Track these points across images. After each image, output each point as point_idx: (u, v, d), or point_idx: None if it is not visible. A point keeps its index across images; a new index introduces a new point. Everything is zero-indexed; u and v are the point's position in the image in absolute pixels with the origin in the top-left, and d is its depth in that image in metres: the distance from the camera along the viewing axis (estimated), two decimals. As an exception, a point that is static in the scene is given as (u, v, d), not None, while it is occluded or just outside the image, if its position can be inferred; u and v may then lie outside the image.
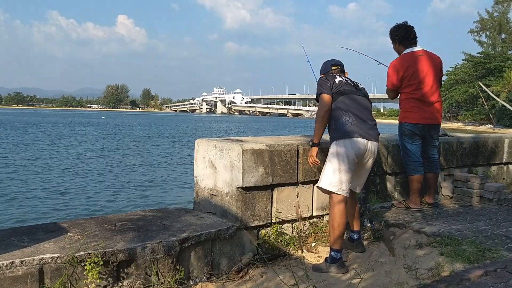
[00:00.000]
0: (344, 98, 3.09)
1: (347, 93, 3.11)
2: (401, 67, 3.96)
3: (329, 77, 3.20)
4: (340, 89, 3.10)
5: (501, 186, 4.52)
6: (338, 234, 2.95)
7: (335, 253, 2.96)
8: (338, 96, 3.10)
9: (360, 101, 3.15)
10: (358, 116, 3.06)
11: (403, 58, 4.01)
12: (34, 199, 9.70)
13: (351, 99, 3.11)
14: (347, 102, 3.08)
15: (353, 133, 3.00)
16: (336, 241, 2.96)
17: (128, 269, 2.68)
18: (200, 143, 3.56)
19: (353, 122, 3.03)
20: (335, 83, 3.13)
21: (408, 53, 4.01)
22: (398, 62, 4.01)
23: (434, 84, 4.01)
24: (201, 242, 2.98)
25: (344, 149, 2.99)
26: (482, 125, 44.51)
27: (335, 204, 2.98)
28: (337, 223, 2.94)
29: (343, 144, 3.00)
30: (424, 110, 3.99)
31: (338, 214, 2.96)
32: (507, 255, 2.86)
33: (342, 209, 2.97)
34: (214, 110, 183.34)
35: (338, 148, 3.01)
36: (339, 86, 3.12)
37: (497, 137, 5.54)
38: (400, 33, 4.07)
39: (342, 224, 2.96)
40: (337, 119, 3.07)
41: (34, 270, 2.37)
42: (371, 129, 3.10)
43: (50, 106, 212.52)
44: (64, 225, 3.00)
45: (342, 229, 2.97)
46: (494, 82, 42.88)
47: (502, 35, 54.75)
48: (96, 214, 7.38)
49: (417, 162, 4.05)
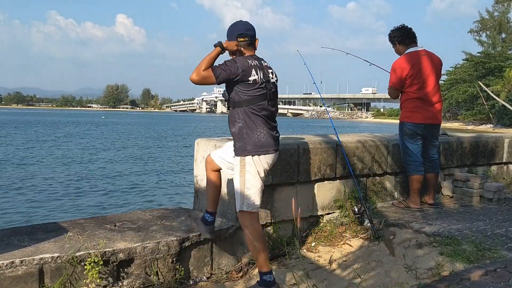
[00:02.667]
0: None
1: (257, 100, 2.66)
2: (406, 66, 3.96)
3: (249, 67, 2.62)
4: (255, 93, 2.65)
5: (501, 186, 4.52)
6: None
7: (267, 276, 2.62)
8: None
9: (269, 107, 2.75)
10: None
11: (407, 57, 4.01)
12: (34, 199, 9.70)
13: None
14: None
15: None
16: (265, 262, 2.62)
17: (128, 269, 2.68)
18: (200, 143, 3.55)
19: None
20: (250, 81, 2.62)
21: (412, 52, 4.02)
22: (402, 61, 4.01)
23: (436, 84, 4.03)
24: (201, 242, 2.99)
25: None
26: (482, 125, 44.49)
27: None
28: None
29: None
30: (426, 110, 3.99)
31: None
32: (507, 254, 2.86)
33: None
34: (214, 109, 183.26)
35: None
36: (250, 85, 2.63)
37: (497, 136, 5.54)
38: (398, 33, 4.08)
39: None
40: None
41: (34, 270, 2.37)
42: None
43: (50, 106, 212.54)
44: (64, 225, 3.01)
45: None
46: (494, 81, 42.87)
47: (502, 34, 54.73)
48: (96, 214, 7.37)
49: (418, 162, 4.05)
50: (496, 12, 54.47)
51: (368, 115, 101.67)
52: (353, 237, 3.52)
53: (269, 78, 2.73)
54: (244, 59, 2.64)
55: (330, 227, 3.64)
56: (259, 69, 2.66)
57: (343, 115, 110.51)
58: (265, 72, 2.70)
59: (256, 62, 2.68)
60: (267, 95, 2.69)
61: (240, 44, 2.70)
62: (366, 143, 4.06)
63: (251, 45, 2.74)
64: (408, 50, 4.04)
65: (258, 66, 2.67)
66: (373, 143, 4.11)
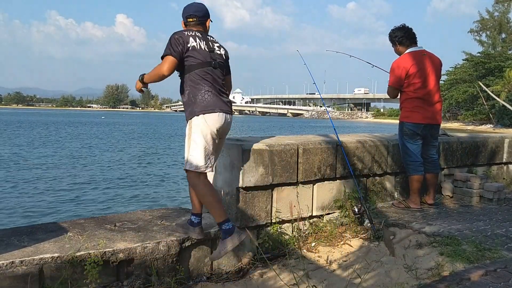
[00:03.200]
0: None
1: (200, 66, 2.83)
2: (405, 66, 3.96)
3: (184, 36, 2.81)
4: (193, 59, 2.81)
5: (501, 186, 4.52)
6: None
7: (226, 225, 2.81)
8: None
9: (216, 74, 2.89)
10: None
11: (406, 57, 4.01)
12: (34, 199, 9.70)
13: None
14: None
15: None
16: (220, 213, 2.83)
17: (128, 269, 2.68)
18: (200, 143, 3.55)
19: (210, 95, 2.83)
20: (189, 49, 2.79)
21: (411, 52, 4.02)
22: (401, 61, 4.01)
23: (435, 84, 4.03)
24: (201, 242, 2.98)
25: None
26: (482, 125, 44.50)
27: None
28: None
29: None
30: (426, 110, 3.99)
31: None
32: (507, 255, 2.86)
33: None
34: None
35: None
36: (191, 53, 2.80)
37: (497, 137, 5.54)
38: (399, 34, 4.08)
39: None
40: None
41: (34, 270, 2.37)
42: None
43: (50, 106, 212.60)
44: (64, 225, 3.00)
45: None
46: (494, 82, 42.88)
47: (502, 34, 54.74)
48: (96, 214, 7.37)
49: (417, 162, 4.05)
50: (496, 12, 54.51)
51: (368, 115, 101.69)
52: (353, 237, 3.52)
53: (214, 49, 2.91)
54: (181, 31, 2.86)
55: (330, 227, 3.64)
56: (199, 38, 2.85)
57: (343, 115, 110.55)
58: (209, 44, 2.90)
59: (198, 33, 2.88)
60: (212, 63, 2.85)
61: (189, 23, 2.96)
62: (366, 143, 4.06)
63: (200, 24, 2.97)
64: (408, 50, 4.05)
65: (198, 36, 2.85)
66: (373, 143, 4.11)
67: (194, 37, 2.83)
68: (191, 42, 2.80)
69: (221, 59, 2.94)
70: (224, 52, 3.00)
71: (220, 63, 2.92)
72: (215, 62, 2.87)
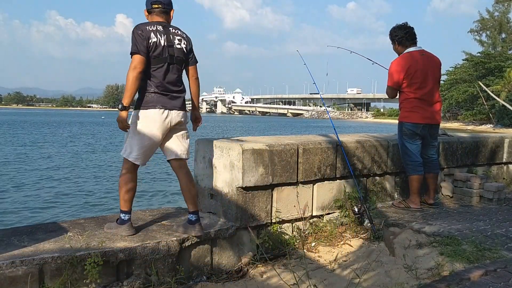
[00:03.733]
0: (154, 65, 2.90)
1: (156, 62, 2.89)
2: (404, 66, 3.96)
3: (145, 31, 2.85)
4: (153, 54, 2.87)
5: (501, 186, 4.52)
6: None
7: (124, 215, 2.97)
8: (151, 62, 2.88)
9: (170, 70, 2.94)
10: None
11: (405, 57, 4.01)
12: (34, 198, 9.70)
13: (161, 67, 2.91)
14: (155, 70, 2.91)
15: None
16: (125, 204, 3.01)
17: (128, 269, 2.68)
18: (200, 143, 3.56)
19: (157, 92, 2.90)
20: (149, 44, 2.84)
21: (410, 52, 4.02)
22: (400, 61, 4.01)
23: (434, 84, 4.03)
24: (201, 242, 2.99)
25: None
26: (482, 125, 44.49)
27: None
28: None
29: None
30: (425, 110, 3.99)
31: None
32: (507, 254, 2.86)
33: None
34: (214, 109, 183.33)
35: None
36: (153, 49, 2.86)
37: (497, 137, 5.54)
38: (400, 33, 4.07)
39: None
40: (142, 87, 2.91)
41: (34, 270, 2.37)
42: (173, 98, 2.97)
43: (50, 106, 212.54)
44: (64, 225, 3.01)
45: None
46: (494, 82, 42.88)
47: (502, 34, 54.73)
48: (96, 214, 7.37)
49: (417, 162, 4.05)
50: (496, 12, 54.50)
51: (368, 115, 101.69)
52: (353, 237, 3.52)
53: (173, 43, 2.94)
54: (144, 25, 2.90)
55: (330, 227, 3.64)
56: (160, 33, 2.89)
57: (343, 115, 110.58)
58: (170, 37, 2.93)
59: (160, 27, 2.91)
60: (168, 58, 2.91)
61: (154, 10, 2.98)
62: (366, 143, 4.06)
63: (163, 13, 2.98)
64: (407, 50, 4.04)
65: (159, 31, 2.90)
66: (373, 143, 4.12)
67: (155, 32, 2.88)
68: (152, 38, 2.85)
69: (179, 54, 2.97)
70: (185, 45, 3.01)
71: (178, 58, 2.96)
72: (172, 57, 2.93)
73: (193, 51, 3.10)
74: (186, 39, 3.03)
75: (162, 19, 2.97)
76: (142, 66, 2.82)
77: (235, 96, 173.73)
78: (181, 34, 3.00)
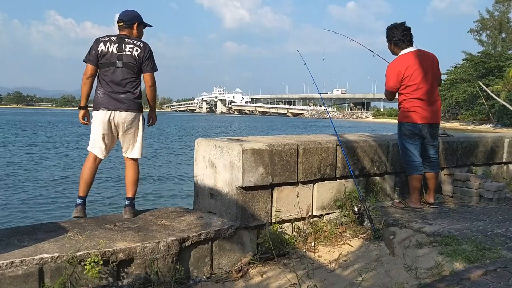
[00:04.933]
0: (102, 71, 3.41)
1: (103, 67, 3.39)
2: (400, 69, 3.94)
3: (97, 42, 3.41)
4: (101, 61, 3.38)
5: (501, 186, 4.52)
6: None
7: (78, 199, 3.44)
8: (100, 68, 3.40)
9: (117, 74, 3.38)
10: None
11: (401, 59, 3.99)
12: (34, 198, 9.70)
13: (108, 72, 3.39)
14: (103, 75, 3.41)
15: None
16: (82, 189, 3.47)
17: (128, 268, 2.68)
18: (200, 143, 3.56)
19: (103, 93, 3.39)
20: (98, 53, 3.37)
21: (406, 54, 3.99)
22: (396, 64, 3.99)
23: (432, 83, 4.01)
24: (201, 241, 2.99)
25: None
26: (482, 125, 44.50)
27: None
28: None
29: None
30: (424, 110, 3.98)
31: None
32: (507, 254, 2.86)
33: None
34: (214, 109, 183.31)
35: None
36: (101, 56, 3.37)
37: (497, 136, 5.54)
38: (397, 35, 4.03)
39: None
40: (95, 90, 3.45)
41: (34, 270, 2.37)
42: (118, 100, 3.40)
43: (50, 106, 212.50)
44: (64, 225, 3.01)
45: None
46: (494, 81, 42.87)
47: (502, 34, 54.74)
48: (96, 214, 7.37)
49: (417, 161, 4.05)
50: (496, 11, 54.52)
51: (368, 115, 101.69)
52: (353, 237, 3.52)
53: (124, 50, 3.38)
54: (100, 37, 3.45)
55: (330, 227, 3.64)
56: (111, 42, 3.39)
57: (343, 115, 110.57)
58: (122, 46, 3.38)
59: (114, 38, 3.42)
60: (116, 63, 3.36)
61: (119, 27, 3.54)
62: (366, 143, 4.06)
63: (126, 28, 3.51)
64: (403, 51, 4.02)
65: (111, 41, 3.40)
66: (373, 143, 4.12)
67: (106, 42, 3.39)
68: (100, 47, 3.38)
69: (128, 59, 3.37)
70: (137, 53, 3.39)
71: (127, 63, 3.37)
72: (121, 63, 3.36)
73: (149, 60, 3.45)
74: (140, 47, 3.41)
75: (126, 33, 3.51)
76: (89, 72, 3.40)
77: (235, 96, 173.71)
78: (135, 44, 3.42)
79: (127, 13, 3.58)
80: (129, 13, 3.58)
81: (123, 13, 3.58)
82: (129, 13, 3.58)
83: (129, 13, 3.58)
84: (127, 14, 3.56)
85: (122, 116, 3.38)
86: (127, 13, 3.58)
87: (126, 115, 3.40)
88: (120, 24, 3.53)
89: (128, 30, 3.53)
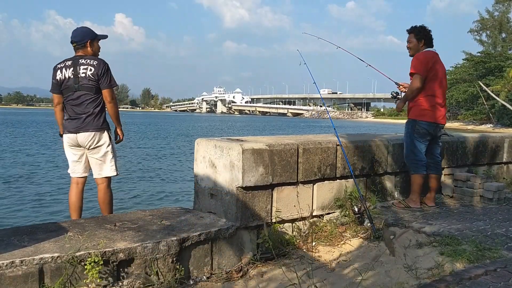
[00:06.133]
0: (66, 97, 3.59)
1: (65, 92, 3.57)
2: (429, 59, 3.99)
3: (55, 70, 3.57)
4: (62, 88, 3.56)
5: (501, 186, 4.52)
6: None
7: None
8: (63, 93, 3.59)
9: (76, 96, 3.55)
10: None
11: (430, 53, 4.06)
12: (34, 198, 9.70)
13: (69, 97, 3.57)
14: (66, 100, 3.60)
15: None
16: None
17: (128, 268, 2.68)
18: (200, 143, 3.56)
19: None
20: (58, 81, 3.55)
21: (432, 51, 4.09)
22: (427, 55, 4.03)
23: (446, 86, 4.16)
24: (201, 241, 2.99)
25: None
26: (482, 125, 44.50)
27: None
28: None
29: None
30: (439, 110, 4.06)
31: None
32: (507, 254, 2.86)
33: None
34: (214, 109, 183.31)
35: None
36: (61, 84, 3.55)
37: (497, 136, 5.54)
38: (428, 35, 4.13)
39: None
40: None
41: (34, 270, 2.37)
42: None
43: (50, 106, 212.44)
44: (64, 225, 3.01)
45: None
46: (494, 81, 42.88)
47: (502, 34, 54.75)
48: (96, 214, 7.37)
49: (422, 161, 4.06)
50: (496, 11, 54.53)
51: (368, 115, 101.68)
52: (353, 237, 3.52)
53: (78, 73, 3.49)
54: (57, 65, 3.59)
55: (330, 227, 3.64)
56: (66, 68, 3.51)
57: (343, 115, 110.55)
58: (76, 69, 3.49)
59: (69, 62, 3.54)
60: (74, 88, 3.50)
61: (74, 48, 3.63)
62: (366, 143, 4.06)
63: (80, 48, 3.60)
64: (427, 49, 4.10)
65: (66, 66, 3.52)
66: (373, 143, 4.11)
67: (61, 68, 3.52)
68: (58, 75, 3.54)
69: (83, 81, 3.50)
70: (91, 72, 3.49)
71: (83, 85, 3.50)
72: (78, 86, 3.50)
73: (105, 76, 3.54)
74: (94, 66, 3.50)
75: (80, 53, 3.60)
76: (56, 101, 3.62)
77: (235, 96, 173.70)
78: (88, 63, 3.51)
79: (77, 33, 3.60)
80: (79, 33, 3.59)
81: (74, 32, 3.60)
82: (79, 33, 3.59)
83: (79, 33, 3.59)
84: (77, 35, 3.59)
85: (83, 137, 3.56)
86: (78, 33, 3.60)
87: (86, 136, 3.56)
88: (73, 45, 3.58)
89: (82, 50, 3.59)
